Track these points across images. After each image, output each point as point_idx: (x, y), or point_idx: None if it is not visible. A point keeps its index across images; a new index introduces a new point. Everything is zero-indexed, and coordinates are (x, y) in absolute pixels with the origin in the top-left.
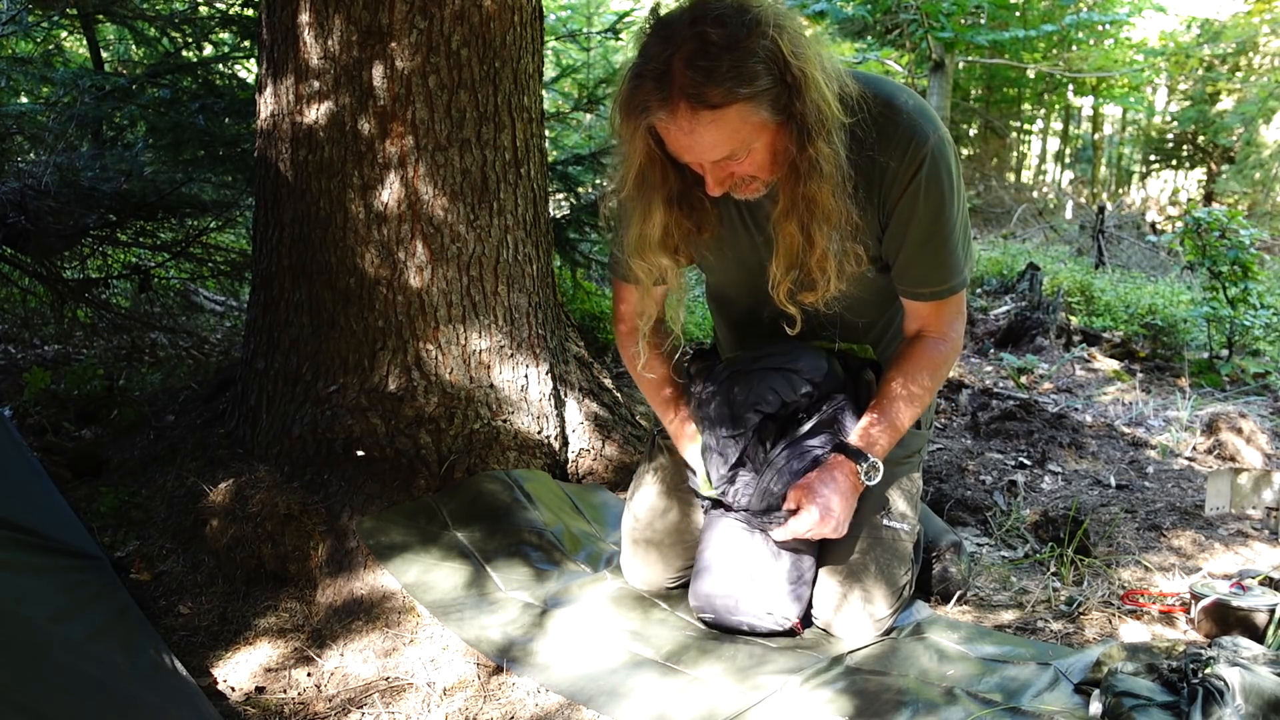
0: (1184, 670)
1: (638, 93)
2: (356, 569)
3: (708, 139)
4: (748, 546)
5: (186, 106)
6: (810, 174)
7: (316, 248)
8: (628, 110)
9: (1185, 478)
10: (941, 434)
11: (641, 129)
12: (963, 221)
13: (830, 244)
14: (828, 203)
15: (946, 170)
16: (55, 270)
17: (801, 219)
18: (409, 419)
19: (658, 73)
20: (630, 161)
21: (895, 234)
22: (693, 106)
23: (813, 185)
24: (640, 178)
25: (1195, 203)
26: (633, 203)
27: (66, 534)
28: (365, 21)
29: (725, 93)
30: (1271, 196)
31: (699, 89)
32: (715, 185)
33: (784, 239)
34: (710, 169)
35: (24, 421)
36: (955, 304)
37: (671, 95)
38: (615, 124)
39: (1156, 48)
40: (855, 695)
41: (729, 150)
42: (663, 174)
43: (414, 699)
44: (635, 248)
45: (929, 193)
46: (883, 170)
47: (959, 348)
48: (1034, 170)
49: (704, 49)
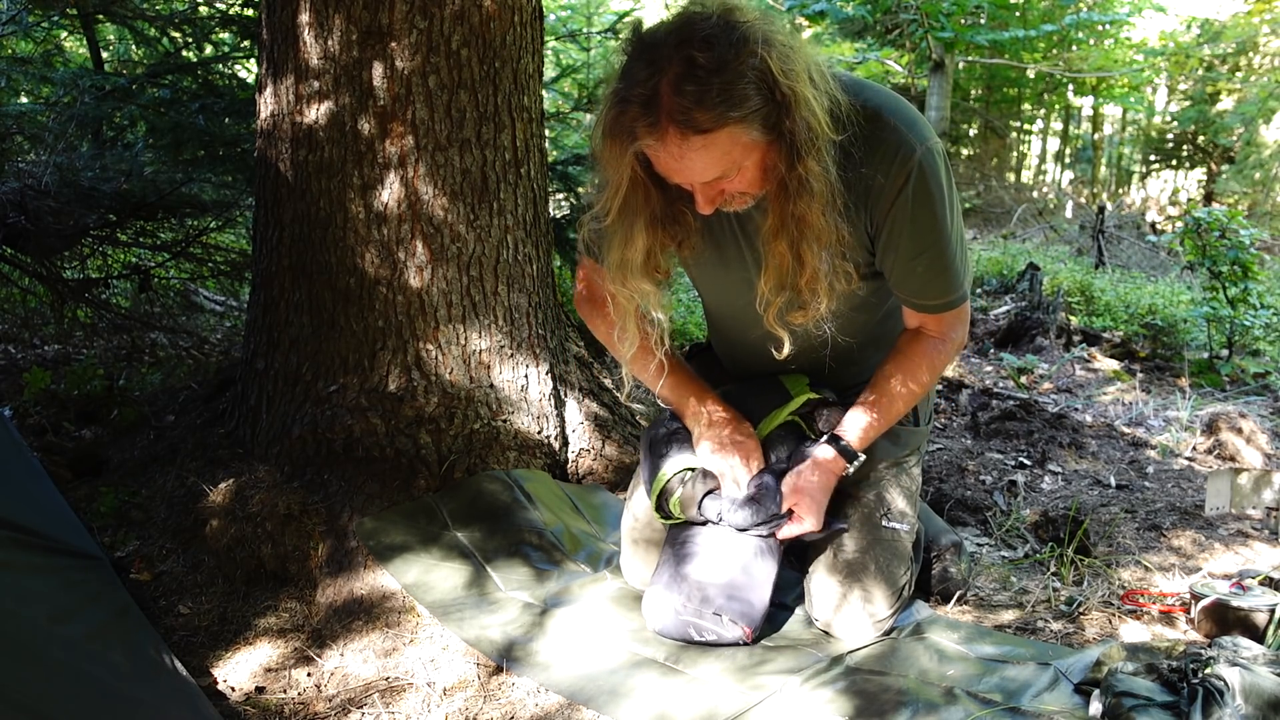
0: (1184, 670)
1: (624, 118)
2: (356, 569)
3: (698, 162)
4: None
5: (186, 106)
6: (800, 192)
7: (316, 248)
8: (613, 135)
9: (1185, 478)
10: (941, 434)
11: (628, 154)
12: (958, 233)
13: (821, 263)
14: (818, 222)
15: (935, 181)
16: (55, 270)
17: (791, 238)
18: (409, 419)
19: (644, 98)
20: (614, 186)
21: (887, 248)
22: (682, 132)
23: (802, 204)
24: (624, 202)
25: (1195, 203)
26: (614, 227)
27: (66, 534)
28: (365, 21)
29: (715, 117)
30: (1271, 196)
31: (688, 114)
32: (706, 204)
33: (773, 258)
34: (700, 189)
35: (24, 421)
36: (956, 313)
37: (660, 121)
38: (598, 148)
39: (1156, 48)
40: (855, 695)
41: (720, 171)
42: (645, 196)
43: (414, 699)
44: (617, 273)
45: (918, 205)
46: (868, 183)
47: (960, 346)
48: (1034, 170)
49: (691, 72)
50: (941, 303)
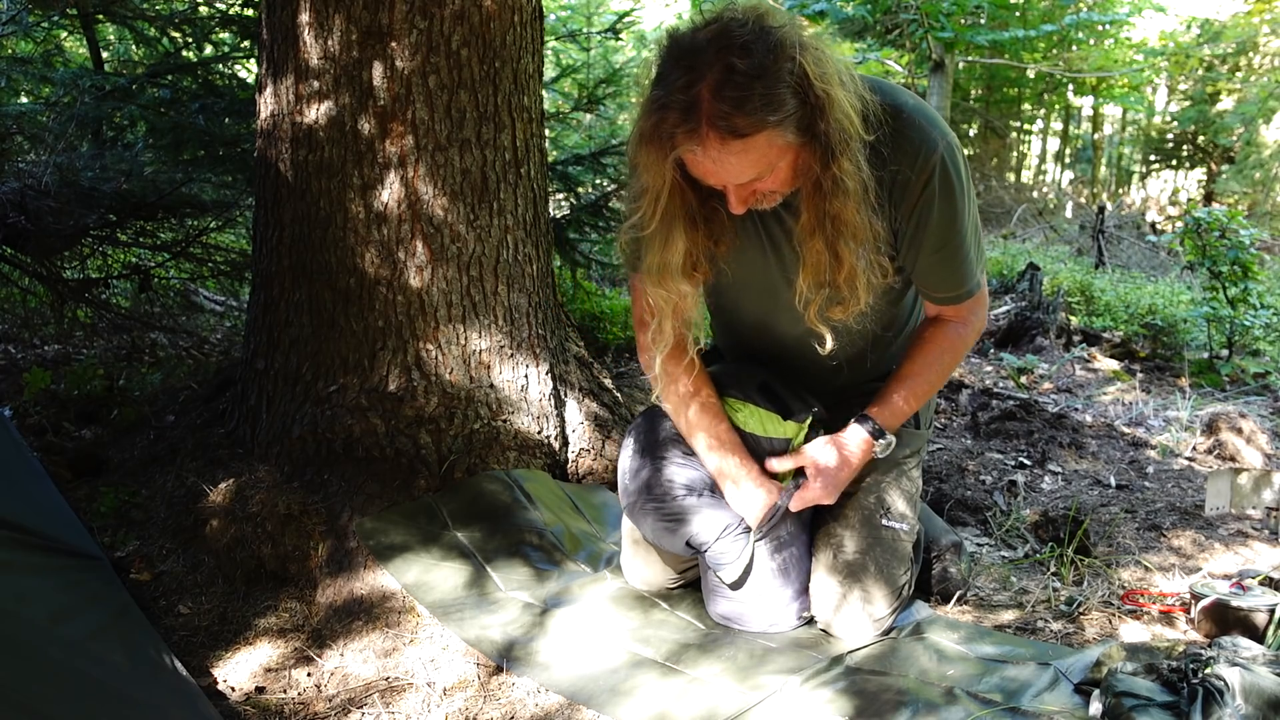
0: (1184, 670)
1: (664, 124)
2: (356, 569)
3: (735, 165)
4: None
5: (186, 106)
6: (835, 191)
7: (316, 248)
8: (653, 142)
9: (1185, 478)
10: (941, 434)
11: (668, 160)
12: (974, 224)
13: (858, 260)
14: (853, 219)
15: (957, 175)
16: (55, 270)
17: (827, 236)
18: (409, 419)
19: (685, 104)
20: (654, 192)
21: (910, 242)
22: (722, 137)
23: (837, 203)
24: (663, 206)
25: (1195, 203)
26: (652, 230)
27: (66, 534)
28: (365, 21)
29: (755, 122)
30: (1271, 196)
31: (728, 119)
32: (739, 204)
33: (810, 255)
34: (734, 189)
35: (24, 421)
36: (974, 300)
37: (700, 126)
38: (636, 155)
39: (1156, 48)
40: (855, 695)
41: (756, 173)
42: (682, 198)
43: (414, 699)
44: (656, 276)
45: (943, 200)
46: (893, 178)
47: (981, 328)
48: (1034, 170)
49: (731, 78)
50: (955, 295)
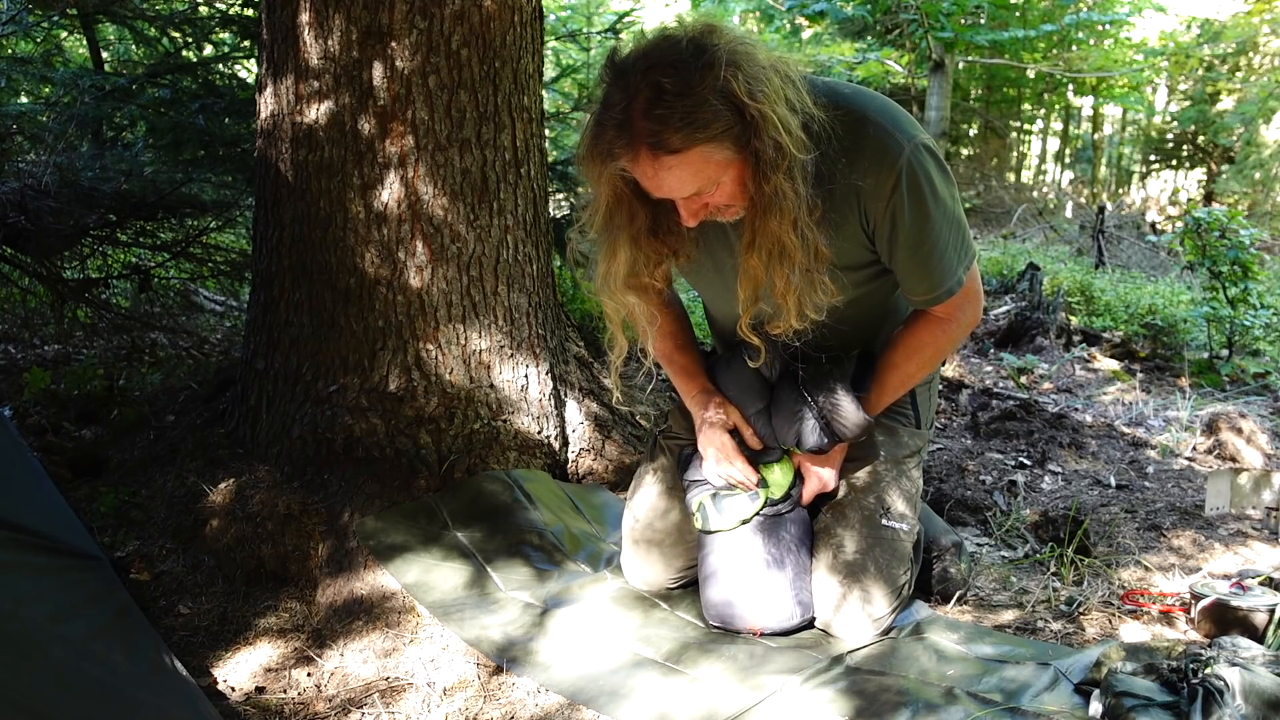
0: (1184, 670)
1: (601, 140)
2: (357, 569)
3: (673, 179)
4: (751, 553)
5: (186, 106)
6: (769, 209)
7: (316, 248)
8: (593, 156)
9: (1185, 478)
10: (941, 434)
11: (608, 173)
12: (953, 221)
13: (792, 278)
14: (788, 239)
15: (925, 178)
16: (55, 270)
17: (762, 253)
18: (409, 419)
19: (618, 121)
20: (596, 203)
21: (884, 248)
22: (654, 153)
23: (772, 221)
24: (607, 218)
25: (1195, 203)
26: (600, 242)
27: (66, 534)
28: (365, 21)
29: (684, 138)
30: (1271, 196)
31: (657, 136)
32: (689, 217)
33: (746, 271)
34: (682, 203)
35: (24, 421)
36: (957, 298)
37: (633, 142)
38: (580, 169)
39: (1156, 48)
40: (855, 695)
41: (696, 188)
42: (630, 213)
43: (414, 699)
44: (601, 285)
45: (912, 204)
46: (859, 191)
47: (973, 323)
48: (1034, 170)
49: (659, 97)
50: (934, 295)
